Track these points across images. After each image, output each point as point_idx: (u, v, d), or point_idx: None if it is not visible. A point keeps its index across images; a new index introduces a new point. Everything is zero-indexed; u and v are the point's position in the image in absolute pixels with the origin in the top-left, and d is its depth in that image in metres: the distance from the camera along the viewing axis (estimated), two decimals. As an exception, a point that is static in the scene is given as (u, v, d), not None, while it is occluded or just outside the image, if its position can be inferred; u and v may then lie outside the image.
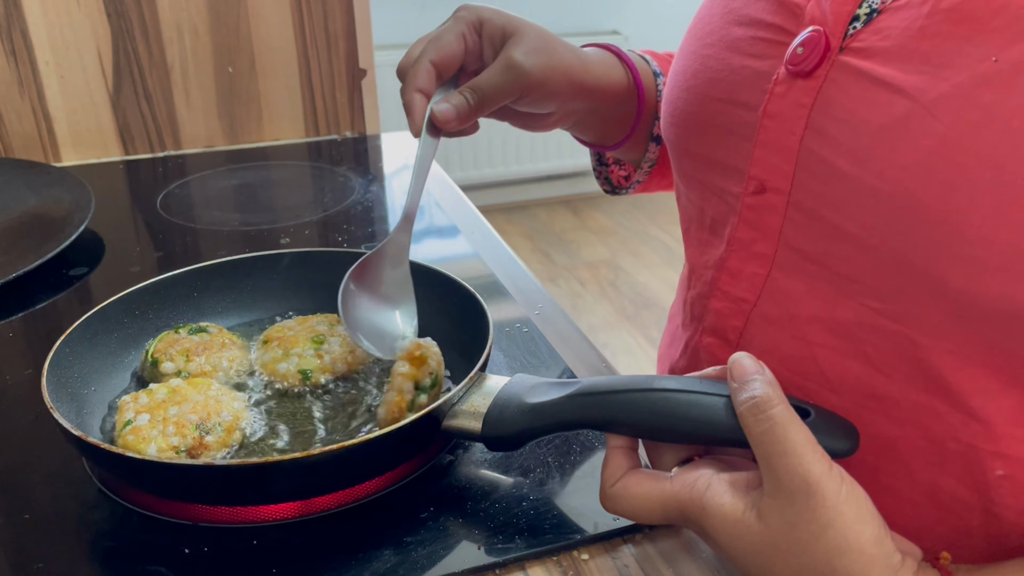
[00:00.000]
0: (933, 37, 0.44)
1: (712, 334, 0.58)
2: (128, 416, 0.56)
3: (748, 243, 0.54)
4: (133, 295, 0.67)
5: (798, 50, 0.49)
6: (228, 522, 0.53)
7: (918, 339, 0.46)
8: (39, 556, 0.51)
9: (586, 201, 3.48)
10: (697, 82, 0.57)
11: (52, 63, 1.09)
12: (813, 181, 0.49)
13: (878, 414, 0.50)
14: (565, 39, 0.68)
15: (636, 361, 2.44)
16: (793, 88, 0.49)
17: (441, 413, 0.53)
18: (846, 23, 0.48)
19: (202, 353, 0.63)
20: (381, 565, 0.50)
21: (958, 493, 0.49)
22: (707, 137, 0.57)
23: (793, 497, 0.41)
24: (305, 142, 1.23)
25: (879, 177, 0.45)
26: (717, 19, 0.57)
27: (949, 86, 0.42)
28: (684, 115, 0.59)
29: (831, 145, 0.47)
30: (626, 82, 0.71)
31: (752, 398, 0.43)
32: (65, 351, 0.60)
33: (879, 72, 0.45)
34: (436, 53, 0.61)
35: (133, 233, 0.97)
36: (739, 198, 0.54)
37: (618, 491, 0.47)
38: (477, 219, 0.98)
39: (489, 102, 0.62)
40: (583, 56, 0.68)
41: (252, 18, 1.15)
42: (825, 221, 0.48)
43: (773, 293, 0.53)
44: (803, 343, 0.52)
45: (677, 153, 0.61)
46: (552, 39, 0.65)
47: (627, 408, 0.48)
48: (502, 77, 0.61)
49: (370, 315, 0.62)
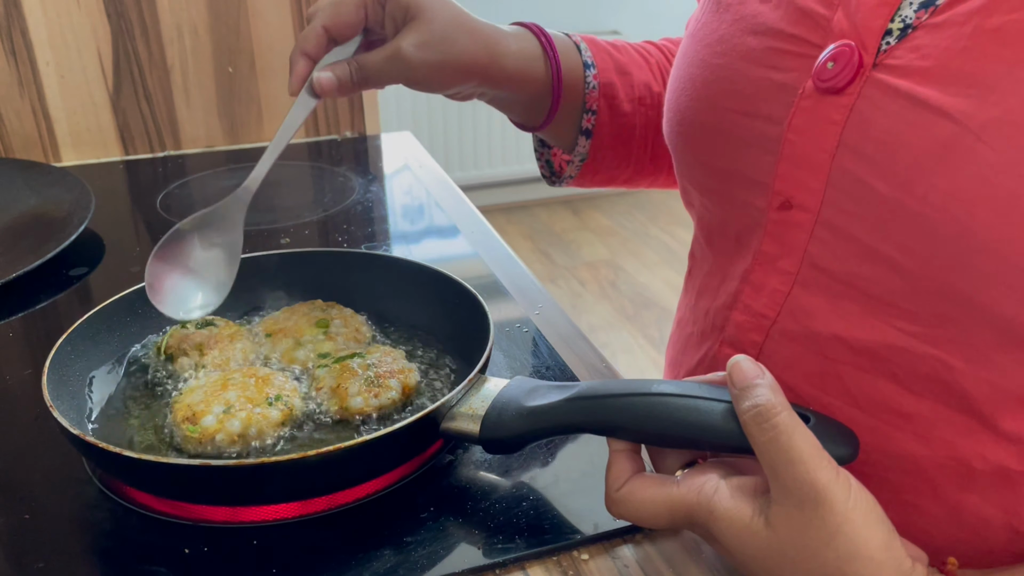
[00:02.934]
0: (978, 59, 0.42)
1: (732, 346, 0.57)
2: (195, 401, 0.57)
3: (773, 258, 0.53)
4: (135, 295, 0.66)
5: (828, 64, 0.48)
6: (228, 522, 0.53)
7: (954, 364, 0.46)
8: (39, 556, 0.51)
9: (586, 201, 3.47)
10: (709, 92, 0.56)
11: (52, 63, 1.09)
12: (846, 200, 0.47)
13: (905, 432, 0.49)
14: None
15: (636, 361, 2.44)
16: (822, 104, 0.48)
17: (440, 415, 0.53)
18: (879, 38, 0.47)
19: (214, 346, 0.63)
20: (381, 565, 0.50)
21: (983, 512, 0.48)
22: (722, 148, 0.55)
23: (801, 505, 0.41)
24: (305, 142, 1.23)
25: (922, 202, 0.43)
26: (727, 26, 0.55)
27: (999, 111, 0.41)
28: (694, 124, 0.57)
29: (867, 165, 0.46)
30: (544, 75, 0.70)
31: (755, 406, 0.42)
32: (67, 349, 0.60)
33: (919, 92, 0.44)
34: (330, 19, 0.61)
35: (133, 233, 0.97)
36: (764, 212, 0.53)
37: (623, 496, 0.47)
38: (477, 219, 0.98)
39: (372, 82, 0.62)
40: (494, 45, 0.66)
41: (252, 18, 1.15)
42: (857, 241, 0.47)
43: (793, 311, 0.52)
44: (825, 360, 0.51)
45: (686, 161, 0.60)
46: (457, 27, 0.63)
47: (626, 412, 0.47)
48: (387, 64, 0.61)
49: (175, 283, 0.62)
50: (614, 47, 0.76)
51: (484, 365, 0.57)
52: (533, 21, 0.73)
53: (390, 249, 0.91)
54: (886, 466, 0.50)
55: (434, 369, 0.65)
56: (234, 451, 0.55)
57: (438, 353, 0.67)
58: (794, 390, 0.53)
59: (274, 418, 0.56)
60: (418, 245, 0.93)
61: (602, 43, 0.76)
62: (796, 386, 0.53)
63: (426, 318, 0.69)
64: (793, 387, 0.53)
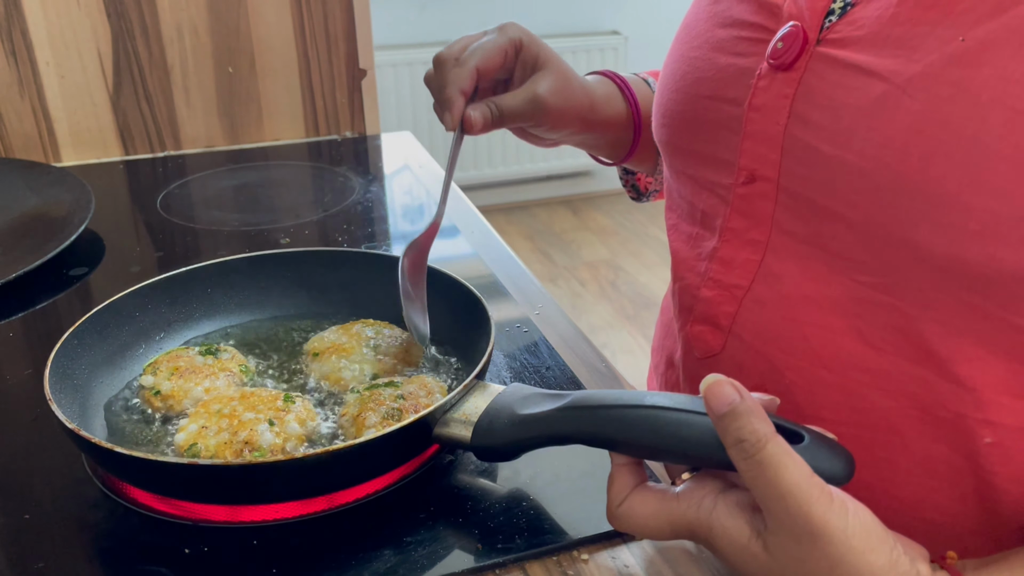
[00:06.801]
0: (904, 23, 0.47)
1: (703, 322, 0.59)
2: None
3: (741, 232, 0.56)
4: (136, 294, 0.67)
5: (778, 45, 0.53)
6: (228, 522, 0.53)
7: (906, 310, 0.48)
8: (39, 556, 0.51)
9: (586, 201, 3.48)
10: (685, 83, 0.60)
11: (52, 63, 1.09)
12: (799, 166, 0.51)
13: (871, 388, 0.51)
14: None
15: (636, 361, 2.44)
16: (775, 81, 0.52)
17: (433, 420, 0.53)
18: (822, 17, 0.51)
19: (186, 376, 0.61)
20: (381, 565, 0.50)
21: (952, 461, 0.50)
22: (696, 133, 0.59)
23: (799, 539, 0.40)
24: (305, 142, 1.23)
25: (860, 156, 0.47)
26: (703, 23, 0.60)
27: (921, 67, 0.45)
28: (673, 115, 0.61)
29: (813, 130, 0.50)
30: (625, 113, 0.76)
31: (739, 440, 0.41)
32: (73, 343, 0.60)
33: (855, 59, 0.48)
34: (483, 61, 0.65)
35: (133, 233, 0.97)
36: (730, 189, 0.56)
37: (625, 511, 0.47)
38: (477, 219, 0.98)
39: (507, 121, 0.67)
40: (592, 94, 0.73)
41: (252, 18, 1.15)
42: (813, 203, 0.51)
43: (766, 277, 0.55)
44: (794, 323, 0.53)
45: (668, 151, 0.64)
46: (572, 79, 0.70)
47: (616, 424, 0.47)
48: (525, 105, 0.67)
49: (413, 300, 0.64)
50: None
51: (482, 371, 0.57)
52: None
53: (390, 249, 0.91)
54: (857, 423, 0.52)
55: (435, 372, 0.65)
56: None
57: (441, 354, 0.67)
58: (765, 356, 0.55)
59: (276, 445, 0.55)
60: (418, 245, 0.93)
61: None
62: (767, 352, 0.55)
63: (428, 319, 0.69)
64: (764, 353, 0.55)
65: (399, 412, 0.57)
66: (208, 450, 0.54)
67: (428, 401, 0.58)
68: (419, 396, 0.59)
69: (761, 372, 0.55)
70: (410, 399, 0.58)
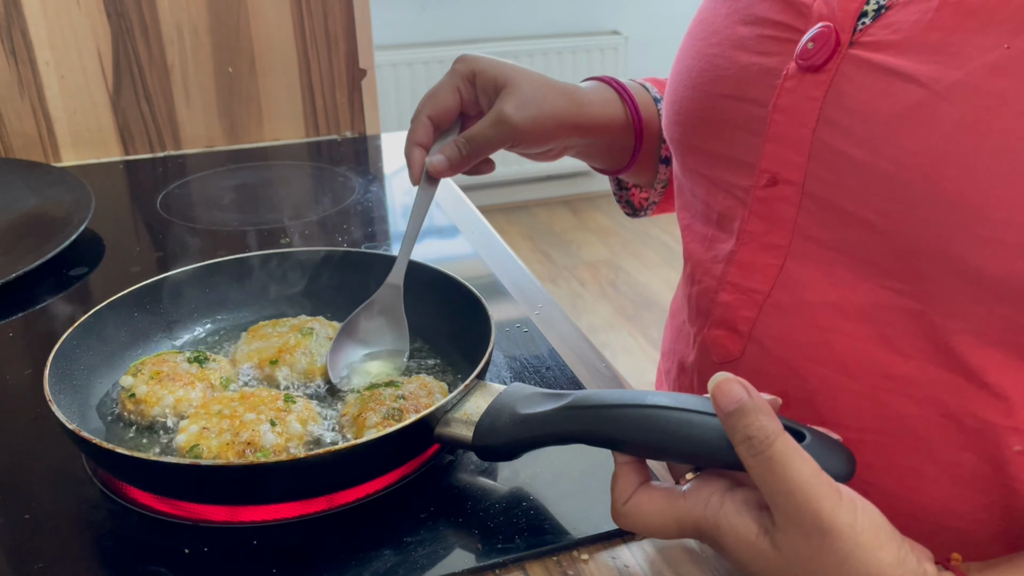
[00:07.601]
0: (942, 29, 0.46)
1: (721, 326, 0.58)
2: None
3: (760, 235, 0.55)
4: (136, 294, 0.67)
5: (808, 45, 0.51)
6: (228, 522, 0.53)
7: (936, 317, 0.47)
8: (39, 556, 0.51)
9: (586, 201, 3.47)
10: (703, 80, 0.58)
11: (52, 63, 1.09)
12: (827, 171, 0.50)
13: (896, 394, 0.50)
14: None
15: (636, 361, 2.44)
16: (803, 83, 0.51)
17: (434, 419, 0.53)
18: (855, 19, 0.50)
19: (164, 382, 0.60)
20: (381, 565, 0.50)
21: (978, 469, 0.49)
22: (714, 133, 0.58)
23: (807, 535, 0.40)
24: (305, 142, 1.23)
25: (894, 163, 0.46)
26: (721, 19, 0.58)
27: (962, 74, 0.44)
28: (689, 113, 0.60)
29: (844, 135, 0.49)
30: (624, 116, 0.74)
31: (748, 437, 0.41)
32: (72, 344, 0.60)
33: (891, 63, 0.47)
34: (432, 108, 0.66)
35: (133, 233, 0.97)
36: (749, 192, 0.55)
37: (630, 509, 0.47)
38: (477, 219, 0.98)
39: (481, 151, 0.66)
40: (578, 97, 0.70)
41: (252, 18, 1.15)
42: (840, 209, 0.50)
43: (787, 282, 0.54)
44: (817, 330, 0.52)
45: (681, 150, 0.63)
46: (544, 86, 0.67)
47: (618, 423, 0.47)
48: (493, 130, 0.65)
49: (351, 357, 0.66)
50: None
51: (483, 370, 0.57)
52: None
53: (390, 249, 0.91)
54: (881, 430, 0.51)
55: (435, 372, 0.65)
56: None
57: (441, 355, 0.67)
58: (786, 362, 0.54)
59: (278, 445, 0.55)
60: (418, 245, 0.92)
61: (662, 80, 0.79)
62: (789, 358, 0.54)
63: (428, 319, 0.69)
64: (786, 359, 0.54)
65: (400, 412, 0.57)
66: (210, 451, 0.54)
67: (429, 401, 0.58)
68: (420, 396, 0.59)
69: (783, 378, 0.54)
70: (411, 399, 0.58)
